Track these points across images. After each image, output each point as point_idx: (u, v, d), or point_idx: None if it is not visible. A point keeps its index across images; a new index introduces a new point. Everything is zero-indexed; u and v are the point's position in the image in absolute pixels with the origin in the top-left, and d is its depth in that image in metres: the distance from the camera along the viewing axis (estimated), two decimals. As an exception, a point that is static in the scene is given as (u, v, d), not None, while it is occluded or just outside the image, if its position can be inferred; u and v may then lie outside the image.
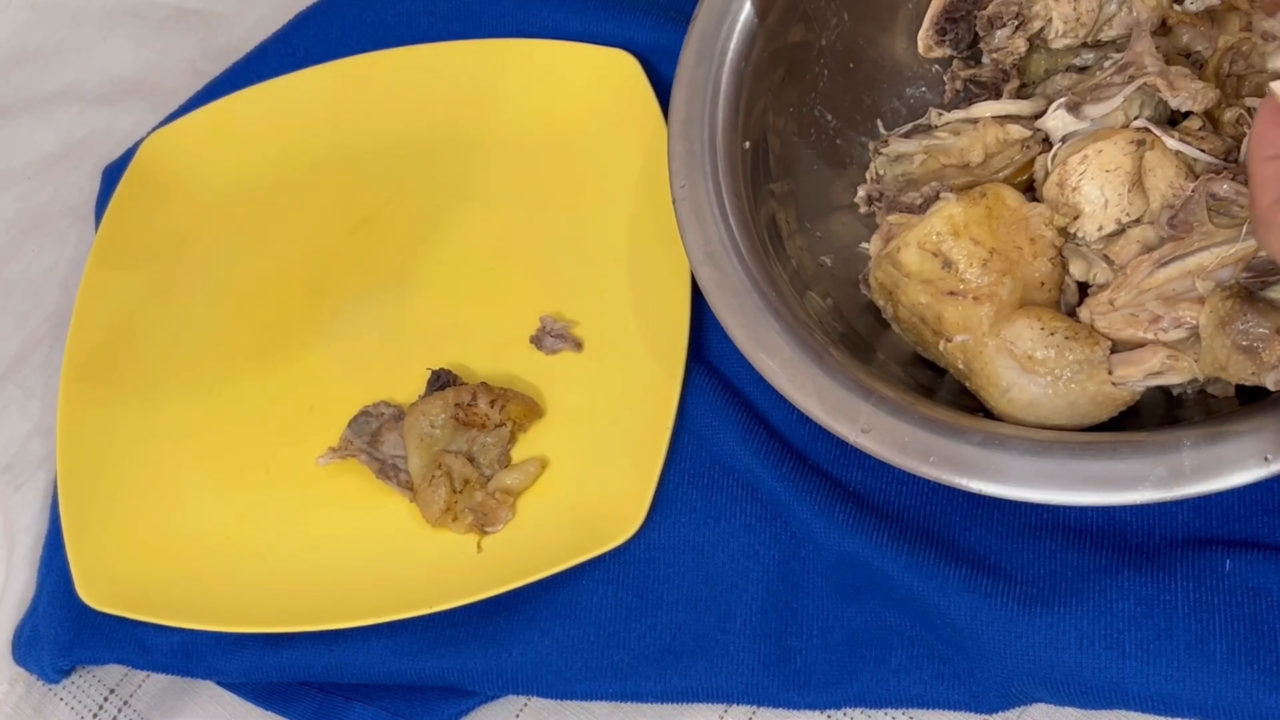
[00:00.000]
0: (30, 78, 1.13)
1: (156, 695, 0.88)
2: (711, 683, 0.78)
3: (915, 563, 0.74)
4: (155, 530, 0.88)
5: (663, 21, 0.94)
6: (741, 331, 0.75)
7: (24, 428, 0.98)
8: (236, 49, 1.07)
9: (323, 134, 0.99)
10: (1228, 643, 0.69)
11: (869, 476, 0.78)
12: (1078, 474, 0.67)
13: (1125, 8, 0.80)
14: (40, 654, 0.88)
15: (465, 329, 0.90)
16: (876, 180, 0.83)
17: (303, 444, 0.88)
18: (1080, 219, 0.75)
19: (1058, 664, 0.71)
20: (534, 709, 0.82)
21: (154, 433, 0.92)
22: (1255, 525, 0.73)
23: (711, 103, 0.81)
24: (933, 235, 0.75)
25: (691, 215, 0.78)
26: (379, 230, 0.95)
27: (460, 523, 0.83)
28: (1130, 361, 0.72)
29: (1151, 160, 0.74)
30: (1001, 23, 0.81)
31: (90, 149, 1.08)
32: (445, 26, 1.01)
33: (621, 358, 0.86)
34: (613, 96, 0.92)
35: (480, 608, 0.81)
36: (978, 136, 0.80)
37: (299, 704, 0.85)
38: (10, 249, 1.05)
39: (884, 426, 0.71)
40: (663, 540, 0.80)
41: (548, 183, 0.93)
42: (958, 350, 0.75)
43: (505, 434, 0.85)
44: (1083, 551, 0.73)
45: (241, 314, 0.94)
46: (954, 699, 0.74)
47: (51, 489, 0.93)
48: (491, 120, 0.96)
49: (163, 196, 1.00)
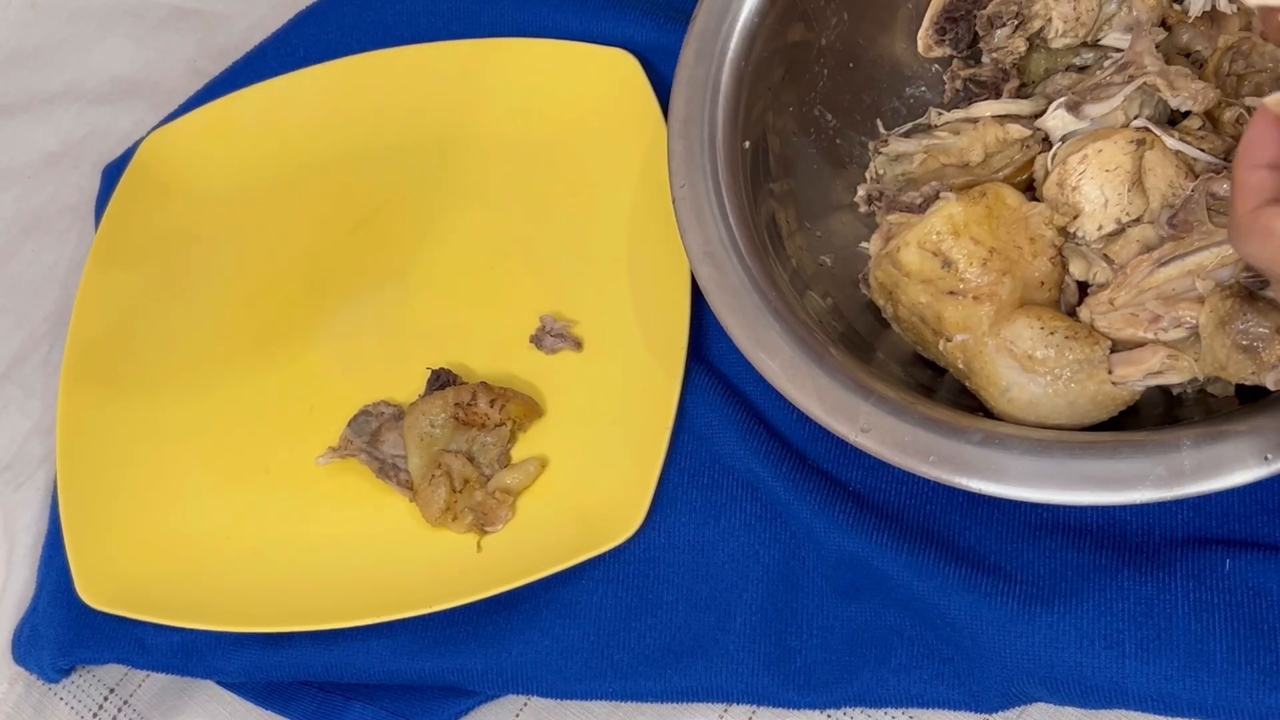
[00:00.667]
0: (30, 77, 1.13)
1: (156, 695, 0.88)
2: (711, 682, 0.78)
3: (915, 562, 0.74)
4: (155, 530, 0.88)
5: (662, 21, 0.94)
6: (741, 331, 0.75)
7: (24, 427, 0.98)
8: (236, 48, 1.07)
9: (322, 133, 0.99)
10: (1228, 642, 0.69)
11: (869, 476, 0.78)
12: (1078, 473, 0.67)
13: (1125, 7, 0.80)
14: (40, 653, 0.88)
15: (465, 328, 0.90)
16: (876, 180, 0.83)
17: (303, 443, 0.88)
18: (1080, 218, 0.75)
19: (1058, 663, 0.71)
20: (534, 708, 0.82)
21: (154, 432, 0.92)
22: (1255, 525, 0.73)
23: (711, 102, 0.81)
24: (933, 235, 0.75)
25: (691, 215, 0.78)
26: (379, 229, 0.95)
27: (460, 522, 0.83)
28: (1130, 361, 0.72)
29: (1151, 160, 0.74)
30: (1001, 22, 0.81)
31: (90, 148, 1.08)
32: (445, 26, 1.01)
33: (621, 357, 0.86)
34: (612, 96, 0.92)
35: (480, 607, 0.81)
36: (977, 136, 0.80)
37: (299, 703, 0.85)
38: (10, 248, 1.05)
39: (884, 426, 0.71)
40: (662, 540, 0.80)
41: (547, 182, 0.93)
42: (958, 350, 0.75)
43: (505, 433, 0.85)
44: (1083, 551, 0.73)
45: (241, 313, 0.94)
46: (954, 698, 0.74)
47: (51, 488, 0.93)
48: (491, 120, 0.96)
49: (163, 196, 1.00)
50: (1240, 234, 0.59)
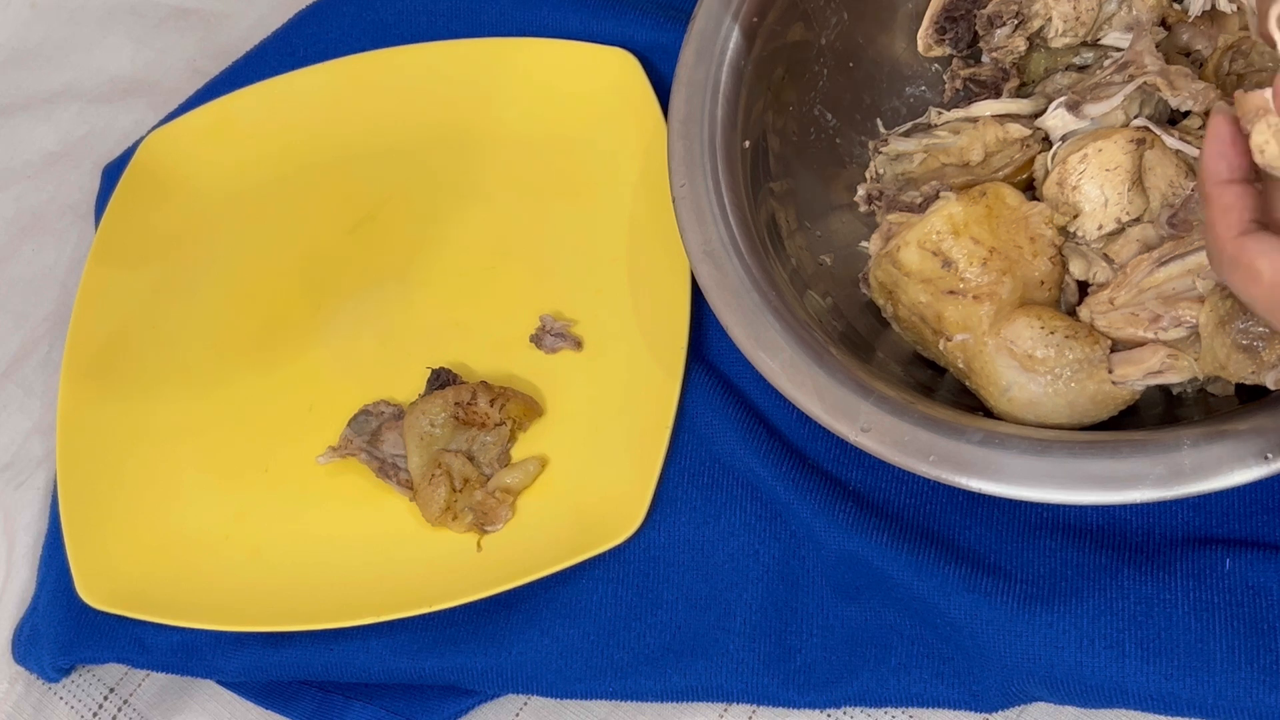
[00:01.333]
0: (30, 77, 1.13)
1: (156, 694, 0.88)
2: (711, 682, 0.78)
3: (915, 562, 0.74)
4: (155, 529, 0.88)
5: (662, 20, 0.94)
6: (741, 331, 0.75)
7: (24, 426, 0.98)
8: (236, 48, 1.07)
9: (322, 133, 0.99)
10: (1228, 642, 0.69)
11: (869, 475, 0.78)
12: (1078, 473, 0.67)
13: (1125, 7, 0.80)
14: (40, 653, 0.88)
15: (465, 328, 0.90)
16: (876, 179, 0.83)
17: (302, 443, 0.88)
18: (1080, 218, 0.75)
19: (1057, 663, 0.71)
20: (533, 708, 0.82)
21: (154, 431, 0.92)
22: (1255, 524, 0.73)
23: (711, 102, 0.81)
24: (933, 234, 0.75)
25: (691, 214, 0.78)
26: (379, 229, 0.95)
27: (460, 522, 0.83)
28: (1130, 360, 0.72)
29: (1151, 159, 0.74)
30: (1001, 21, 0.81)
31: (90, 148, 1.08)
32: (444, 25, 1.01)
33: (621, 357, 0.86)
34: (612, 95, 0.92)
35: (480, 607, 0.81)
36: (977, 135, 0.80)
37: (298, 703, 0.85)
38: (10, 248, 1.05)
39: (884, 425, 0.71)
40: (662, 539, 0.80)
41: (547, 181, 0.93)
42: (958, 349, 0.75)
43: (505, 433, 0.85)
44: (1083, 550, 0.73)
45: (241, 312, 0.94)
46: (954, 698, 0.74)
47: (51, 488, 0.93)
48: (491, 119, 0.96)
49: (162, 195, 1.00)
50: (1223, 264, 0.57)
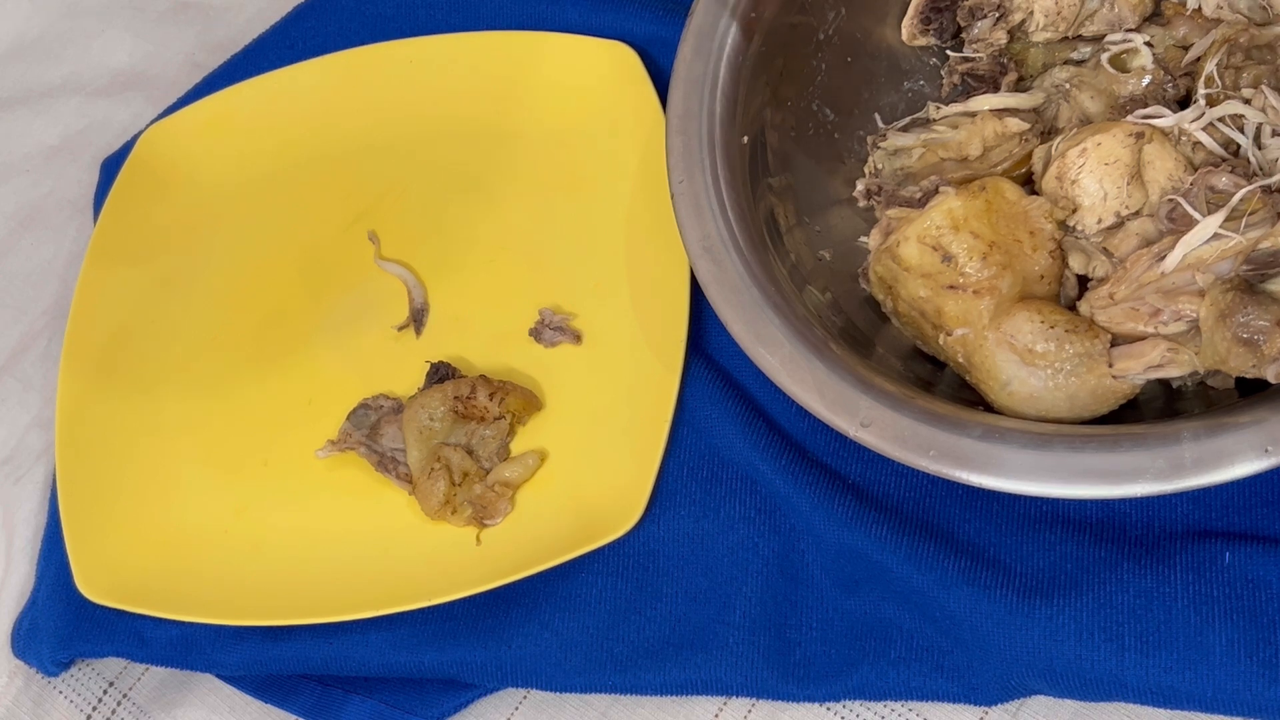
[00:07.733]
0: (29, 70, 1.12)
1: (156, 688, 0.88)
2: (710, 675, 0.78)
3: (914, 555, 0.74)
4: (154, 523, 0.88)
5: (661, 13, 0.94)
6: (741, 326, 0.75)
7: (23, 420, 0.98)
8: (235, 42, 1.07)
9: (321, 127, 0.99)
10: (1227, 635, 0.69)
11: (868, 469, 0.78)
12: (1078, 467, 0.67)
13: (1107, 5, 0.80)
14: (39, 647, 0.88)
15: (464, 322, 0.90)
16: (875, 174, 0.83)
17: (302, 437, 0.88)
18: (1079, 212, 0.75)
19: (1057, 656, 0.71)
20: (533, 701, 0.82)
21: (153, 425, 0.92)
22: (1255, 517, 0.73)
23: (709, 97, 0.81)
24: (932, 229, 0.75)
25: (690, 210, 0.78)
26: (378, 223, 0.95)
27: (459, 515, 0.83)
28: (1130, 354, 0.72)
29: (1150, 153, 0.75)
30: (983, 14, 0.81)
31: (89, 142, 1.08)
32: (443, 19, 1.01)
33: (621, 351, 0.86)
34: (611, 89, 0.92)
35: (479, 600, 0.81)
36: (976, 130, 0.80)
37: (298, 696, 0.85)
38: (9, 242, 1.05)
39: (884, 420, 0.71)
40: (662, 533, 0.81)
41: (546, 175, 0.93)
42: (957, 344, 0.75)
43: (504, 427, 0.85)
44: (1082, 544, 0.73)
45: (241, 307, 0.94)
46: (953, 691, 0.74)
47: (50, 482, 0.93)
48: (489, 113, 0.96)
49: (161, 189, 0.99)
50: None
